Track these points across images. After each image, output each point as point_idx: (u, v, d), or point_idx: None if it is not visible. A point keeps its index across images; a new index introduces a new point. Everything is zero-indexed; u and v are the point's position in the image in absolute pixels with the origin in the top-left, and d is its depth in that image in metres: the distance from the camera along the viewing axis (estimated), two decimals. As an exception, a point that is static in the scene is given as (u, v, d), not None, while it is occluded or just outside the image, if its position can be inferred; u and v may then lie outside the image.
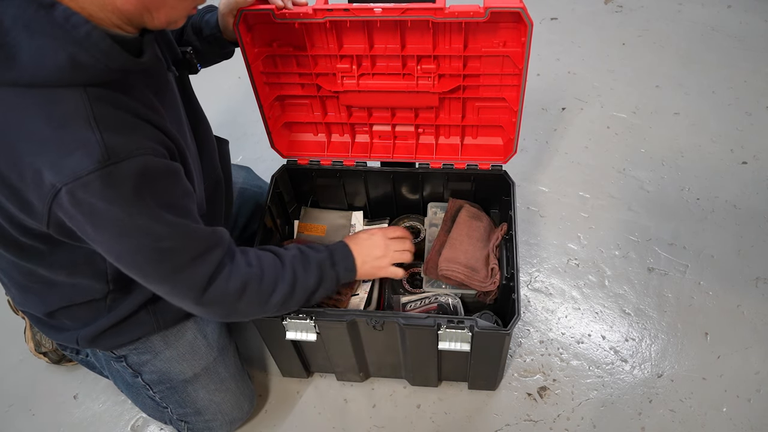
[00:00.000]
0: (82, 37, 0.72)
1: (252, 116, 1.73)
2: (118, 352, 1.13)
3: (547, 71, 2.06)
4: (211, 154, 1.11)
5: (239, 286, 0.96)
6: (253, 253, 1.01)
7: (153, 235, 0.82)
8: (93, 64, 0.73)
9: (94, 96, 0.75)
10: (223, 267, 0.94)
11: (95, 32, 0.73)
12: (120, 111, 0.77)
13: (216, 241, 0.94)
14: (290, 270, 1.03)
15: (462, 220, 1.33)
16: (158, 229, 0.82)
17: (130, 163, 0.76)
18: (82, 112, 0.74)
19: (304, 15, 1.09)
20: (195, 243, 0.89)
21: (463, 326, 1.09)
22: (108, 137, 0.74)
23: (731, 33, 2.13)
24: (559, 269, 1.55)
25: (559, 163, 1.80)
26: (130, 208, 0.78)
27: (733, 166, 1.74)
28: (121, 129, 0.76)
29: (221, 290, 0.94)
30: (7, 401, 1.41)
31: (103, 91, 0.76)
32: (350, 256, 1.13)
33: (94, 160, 0.73)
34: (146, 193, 0.79)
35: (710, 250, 1.56)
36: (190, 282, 0.91)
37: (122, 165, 0.75)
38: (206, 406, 1.21)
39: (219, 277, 0.94)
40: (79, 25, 0.72)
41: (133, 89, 0.81)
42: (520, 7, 1.01)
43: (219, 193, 1.15)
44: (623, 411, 1.31)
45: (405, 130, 1.36)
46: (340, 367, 1.32)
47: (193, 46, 1.11)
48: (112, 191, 0.75)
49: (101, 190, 0.75)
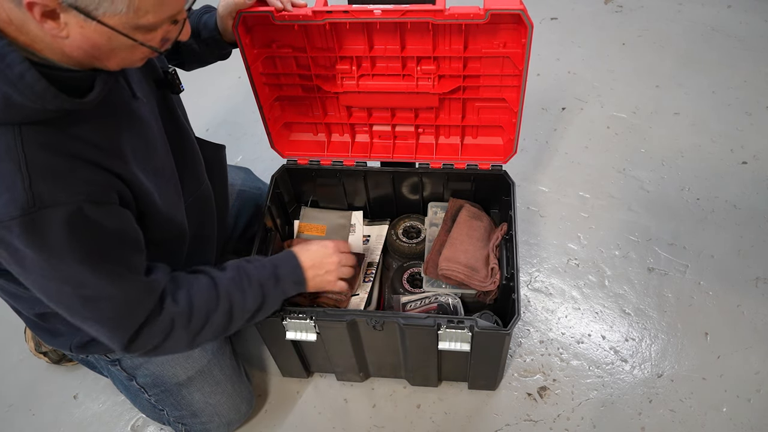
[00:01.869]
0: (16, 77, 0.69)
1: (252, 116, 1.73)
2: (112, 355, 1.14)
3: (547, 71, 2.06)
4: (195, 170, 1.08)
5: (166, 330, 0.92)
6: (185, 288, 0.95)
7: (75, 284, 0.80)
8: (27, 104, 0.70)
9: (28, 138, 0.72)
10: (152, 317, 0.91)
11: (29, 74, 0.69)
12: (55, 155, 0.74)
13: (148, 292, 0.90)
14: (226, 298, 0.98)
15: (462, 219, 1.34)
16: (81, 278, 0.80)
17: (55, 211, 0.73)
18: (13, 154, 0.71)
19: (303, 17, 1.09)
20: (123, 295, 0.86)
21: (463, 326, 1.09)
22: (36, 184, 0.71)
23: (731, 33, 2.13)
24: (559, 269, 1.55)
25: (559, 163, 1.80)
26: (50, 256, 0.76)
27: (733, 166, 1.74)
28: (52, 174, 0.73)
29: (147, 338, 0.91)
30: (7, 401, 1.41)
31: (39, 132, 0.73)
32: (299, 268, 1.08)
33: (17, 206, 0.71)
34: (71, 242, 0.76)
35: (710, 250, 1.56)
36: (117, 332, 0.88)
37: (46, 212, 0.73)
38: (202, 408, 1.21)
39: (146, 327, 0.90)
40: (14, 65, 0.69)
41: (78, 126, 0.77)
42: (521, 8, 1.01)
43: (208, 206, 1.13)
44: (623, 411, 1.31)
45: (405, 130, 1.36)
46: (340, 367, 1.32)
47: (191, 47, 1.11)
48: (34, 238, 0.73)
49: (23, 235, 0.73)
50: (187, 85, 1.08)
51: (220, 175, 1.20)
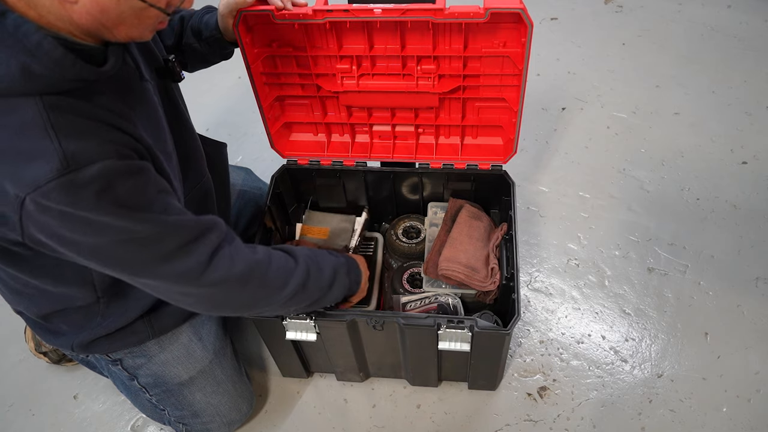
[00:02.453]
0: (33, 47, 0.70)
1: (252, 116, 1.73)
2: (113, 355, 1.13)
3: (547, 71, 2.06)
4: (197, 163, 1.09)
5: (243, 270, 0.92)
6: (262, 246, 1.00)
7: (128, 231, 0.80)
8: (46, 73, 0.71)
9: (50, 104, 0.73)
10: (220, 249, 0.90)
11: (46, 41, 0.70)
12: (79, 117, 0.75)
13: (207, 227, 0.90)
14: (303, 265, 1.01)
15: (462, 219, 1.33)
16: (133, 226, 0.80)
17: (91, 169, 0.73)
18: (39, 120, 0.72)
19: (303, 16, 1.09)
20: (180, 232, 0.85)
21: (463, 326, 1.09)
22: (66, 144, 0.72)
23: (731, 33, 2.13)
24: (559, 269, 1.55)
25: (559, 163, 1.80)
26: (98, 212, 0.76)
27: (733, 166, 1.74)
28: (80, 135, 0.74)
29: (223, 272, 0.90)
30: (7, 401, 1.41)
31: (60, 99, 0.74)
32: (360, 272, 1.16)
33: (53, 168, 0.71)
34: (113, 196, 0.76)
35: (710, 250, 1.56)
36: (184, 268, 0.87)
37: (83, 171, 0.73)
38: (203, 408, 1.21)
39: (217, 257, 0.89)
40: (30, 34, 0.70)
41: (97, 96, 0.79)
42: (520, 7, 1.01)
43: (209, 200, 1.13)
44: (623, 411, 1.31)
45: (405, 130, 1.36)
46: (340, 367, 1.32)
47: (193, 47, 1.12)
48: (76, 197, 0.74)
49: (64, 197, 0.73)
50: (187, 85, 1.08)
51: (222, 172, 1.20)
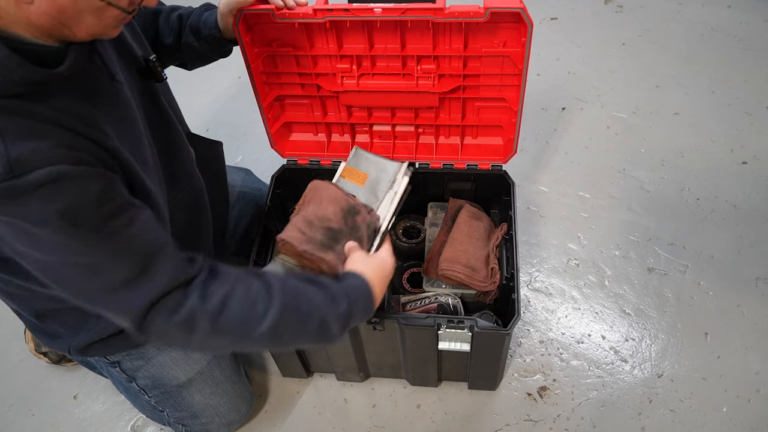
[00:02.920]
0: None
1: (252, 116, 1.73)
2: (111, 358, 1.13)
3: (547, 71, 2.06)
4: (183, 165, 1.04)
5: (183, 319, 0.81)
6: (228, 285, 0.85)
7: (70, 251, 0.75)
8: None
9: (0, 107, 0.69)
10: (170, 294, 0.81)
11: None
12: (30, 120, 0.71)
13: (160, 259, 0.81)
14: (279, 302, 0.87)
15: (462, 219, 1.33)
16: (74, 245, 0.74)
17: (36, 174, 0.69)
18: None
19: (304, 15, 1.09)
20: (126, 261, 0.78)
21: (463, 326, 1.09)
22: (12, 148, 0.68)
23: (731, 33, 2.13)
24: (559, 269, 1.55)
25: (559, 163, 1.80)
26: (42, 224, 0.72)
27: (733, 166, 1.74)
28: (29, 138, 0.70)
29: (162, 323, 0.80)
30: (7, 401, 1.41)
31: (10, 102, 0.70)
32: (371, 298, 0.97)
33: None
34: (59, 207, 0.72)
35: (710, 250, 1.56)
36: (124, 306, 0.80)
37: (26, 177, 0.69)
38: (202, 409, 1.21)
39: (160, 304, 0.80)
40: None
41: (55, 99, 0.75)
42: (520, 7, 1.01)
43: (201, 202, 1.10)
44: (623, 411, 1.31)
45: (405, 130, 1.36)
46: (340, 367, 1.32)
47: (192, 46, 1.11)
48: (18, 204, 0.70)
49: (7, 205, 0.70)
50: (186, 85, 1.08)
51: (218, 172, 1.19)
